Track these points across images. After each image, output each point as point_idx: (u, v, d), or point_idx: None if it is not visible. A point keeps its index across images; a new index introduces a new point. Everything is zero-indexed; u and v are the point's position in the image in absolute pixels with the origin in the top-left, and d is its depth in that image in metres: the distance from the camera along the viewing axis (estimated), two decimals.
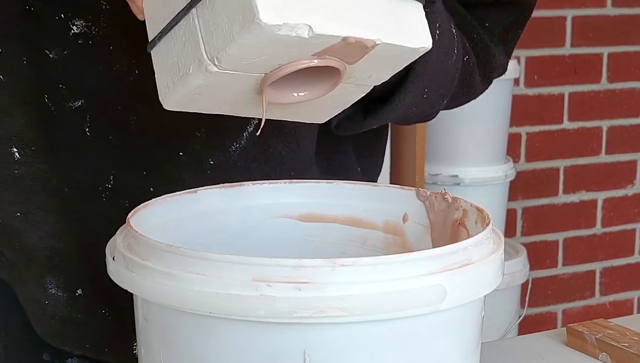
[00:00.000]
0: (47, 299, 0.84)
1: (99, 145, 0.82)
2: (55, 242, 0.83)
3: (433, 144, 2.27)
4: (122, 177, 0.83)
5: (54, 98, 0.81)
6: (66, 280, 0.84)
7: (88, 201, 0.83)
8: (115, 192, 0.83)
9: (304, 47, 0.62)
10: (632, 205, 2.87)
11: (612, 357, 0.89)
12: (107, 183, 0.83)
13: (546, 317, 2.81)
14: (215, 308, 0.56)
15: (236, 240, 0.77)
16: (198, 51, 0.62)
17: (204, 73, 0.62)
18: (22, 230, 0.83)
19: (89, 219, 0.83)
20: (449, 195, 0.73)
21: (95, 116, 0.81)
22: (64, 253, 0.84)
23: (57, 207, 0.83)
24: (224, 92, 0.66)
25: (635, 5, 2.75)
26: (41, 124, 0.81)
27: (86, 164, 0.82)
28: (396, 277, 0.56)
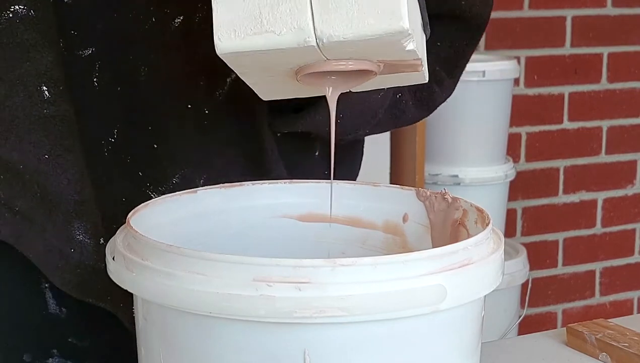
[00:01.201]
0: (73, 246, 0.81)
1: (106, 97, 0.81)
2: (82, 187, 0.81)
3: (433, 144, 2.27)
4: (126, 131, 0.82)
5: (67, 44, 0.80)
6: (93, 226, 0.81)
7: (93, 154, 0.82)
8: (118, 147, 0.82)
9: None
10: (632, 205, 2.87)
11: (612, 357, 0.89)
12: (110, 137, 0.82)
13: (546, 317, 2.81)
14: (215, 308, 0.56)
15: (236, 240, 0.77)
16: (302, 18, 0.59)
17: (299, 43, 0.60)
18: (50, 174, 0.80)
19: (94, 173, 0.82)
20: (449, 195, 0.73)
21: (104, 66, 0.81)
22: (90, 199, 0.82)
23: (82, 151, 0.81)
24: (283, 61, 0.64)
25: (635, 5, 2.75)
26: (62, 66, 0.80)
27: (92, 116, 0.81)
28: (396, 277, 0.56)
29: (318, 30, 0.59)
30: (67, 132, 0.80)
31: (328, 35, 0.59)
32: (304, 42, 0.59)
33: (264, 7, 0.60)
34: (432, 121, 2.23)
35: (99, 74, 0.81)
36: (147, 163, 0.85)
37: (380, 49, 0.62)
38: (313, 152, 0.93)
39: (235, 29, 0.60)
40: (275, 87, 0.70)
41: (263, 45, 0.60)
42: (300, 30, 0.59)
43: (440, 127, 2.29)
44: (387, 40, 0.60)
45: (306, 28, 0.59)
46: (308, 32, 0.59)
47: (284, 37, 0.59)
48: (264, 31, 0.60)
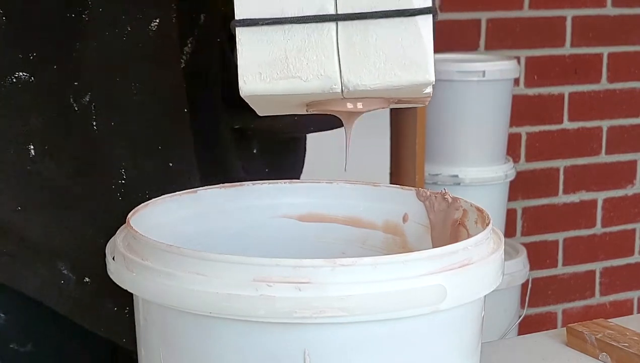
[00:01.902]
0: (62, 279, 0.84)
1: (106, 137, 0.82)
2: (56, 237, 0.83)
3: (433, 144, 2.27)
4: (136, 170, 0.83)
5: (73, 97, 0.82)
6: (72, 267, 0.84)
7: (100, 198, 0.83)
8: (131, 181, 0.83)
9: None
10: (632, 205, 2.87)
11: (612, 357, 0.89)
12: (120, 178, 0.83)
13: (546, 317, 2.81)
14: (215, 308, 0.56)
15: (236, 240, 0.77)
16: (328, 66, 0.60)
17: (324, 90, 0.60)
18: (23, 226, 0.83)
19: (101, 215, 0.83)
20: (449, 195, 0.73)
21: (100, 105, 0.82)
22: (64, 249, 0.84)
23: (58, 205, 0.83)
24: (301, 100, 0.64)
25: (635, 5, 2.75)
26: (60, 122, 0.82)
27: (97, 160, 0.83)
28: (396, 277, 0.56)
29: (345, 79, 0.60)
30: (40, 187, 0.83)
31: (355, 85, 0.60)
32: (329, 88, 0.60)
33: (290, 51, 0.60)
34: (432, 121, 2.23)
35: (96, 117, 0.82)
36: None
37: (401, 93, 0.63)
38: (252, 150, 0.93)
39: (260, 72, 0.60)
40: (278, 110, 0.70)
41: (289, 89, 0.60)
42: (327, 77, 0.60)
43: (440, 127, 2.29)
44: (410, 88, 0.61)
45: (333, 76, 0.60)
46: (334, 79, 0.60)
47: (310, 83, 0.60)
48: (290, 76, 0.60)
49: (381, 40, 0.60)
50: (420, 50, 0.60)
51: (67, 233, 0.83)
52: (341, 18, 0.60)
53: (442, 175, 2.30)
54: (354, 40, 0.60)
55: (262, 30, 0.60)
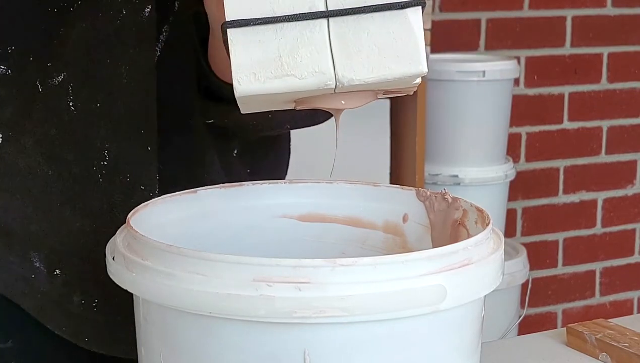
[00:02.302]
0: (33, 273, 0.83)
1: (84, 119, 0.81)
2: (27, 225, 0.83)
3: (433, 144, 2.27)
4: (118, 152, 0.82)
5: (42, 78, 0.81)
6: (46, 257, 0.83)
7: (80, 182, 0.82)
8: (110, 168, 0.82)
9: None
10: (632, 205, 2.87)
11: (612, 357, 0.89)
12: (102, 160, 0.82)
13: (546, 317, 2.81)
14: (215, 308, 0.56)
15: (236, 240, 0.77)
16: (323, 62, 0.60)
17: (319, 86, 0.61)
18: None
19: (80, 202, 0.83)
20: (449, 195, 0.73)
21: (77, 86, 0.81)
22: (39, 235, 0.83)
23: (24, 191, 0.83)
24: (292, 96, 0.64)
25: (635, 5, 2.75)
26: (26, 106, 0.81)
27: (75, 141, 0.82)
28: (396, 277, 0.56)
29: (339, 74, 0.60)
30: (9, 174, 0.82)
31: (349, 79, 0.60)
32: (324, 85, 0.60)
33: (283, 50, 0.60)
34: (432, 121, 2.23)
35: (73, 96, 0.81)
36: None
37: (392, 84, 0.63)
38: (231, 152, 0.93)
39: (254, 72, 0.60)
40: (265, 106, 0.70)
41: (284, 88, 0.60)
42: (321, 74, 0.60)
43: (440, 127, 2.29)
44: (403, 80, 0.61)
45: (327, 72, 0.60)
46: (329, 75, 0.60)
47: (305, 81, 0.60)
48: (284, 75, 0.60)
49: (373, 34, 0.60)
50: (412, 42, 0.61)
51: (44, 216, 0.83)
52: (332, 14, 0.60)
53: (442, 175, 2.30)
54: (346, 35, 0.60)
55: (254, 30, 0.60)
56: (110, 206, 0.83)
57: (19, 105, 0.82)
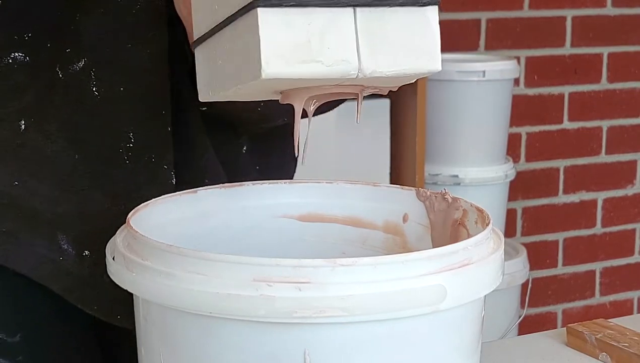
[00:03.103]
0: (60, 255, 0.84)
1: (109, 103, 0.83)
2: (55, 207, 0.84)
3: (433, 144, 2.27)
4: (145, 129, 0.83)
5: (62, 65, 0.82)
6: (74, 239, 0.84)
7: (106, 165, 0.84)
8: (136, 150, 0.84)
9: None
10: (632, 205, 2.87)
11: (612, 357, 0.89)
12: (127, 142, 0.84)
13: (546, 317, 2.81)
14: (215, 308, 0.56)
15: (236, 240, 0.77)
16: (349, 51, 0.60)
17: (342, 75, 0.61)
18: (23, 198, 0.84)
19: (107, 184, 0.84)
20: (449, 195, 0.73)
21: (100, 71, 0.82)
22: (67, 217, 0.84)
23: (51, 175, 0.84)
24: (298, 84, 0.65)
25: (635, 5, 2.75)
26: (48, 93, 0.83)
27: (100, 124, 0.83)
28: (396, 277, 0.56)
29: (363, 64, 0.60)
30: (35, 159, 0.83)
31: (372, 70, 0.60)
32: (347, 74, 0.60)
33: (313, 35, 0.60)
34: (432, 121, 2.23)
35: (96, 82, 0.82)
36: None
37: (405, 79, 0.64)
38: (240, 149, 0.93)
39: (284, 55, 0.59)
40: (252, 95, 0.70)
41: (309, 73, 0.60)
42: (347, 62, 0.60)
43: (440, 127, 2.29)
44: (418, 75, 0.62)
45: (352, 61, 0.60)
46: (354, 65, 0.60)
47: (331, 68, 0.60)
48: (311, 60, 0.60)
49: (396, 28, 0.61)
50: (431, 39, 0.62)
51: (71, 199, 0.84)
52: (360, 4, 0.60)
53: (442, 175, 2.30)
54: (372, 26, 0.60)
55: (284, 12, 0.59)
56: (137, 186, 0.84)
57: (39, 91, 0.83)
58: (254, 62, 0.59)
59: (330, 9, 0.59)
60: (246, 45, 0.60)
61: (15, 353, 0.86)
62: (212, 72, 0.65)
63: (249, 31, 0.59)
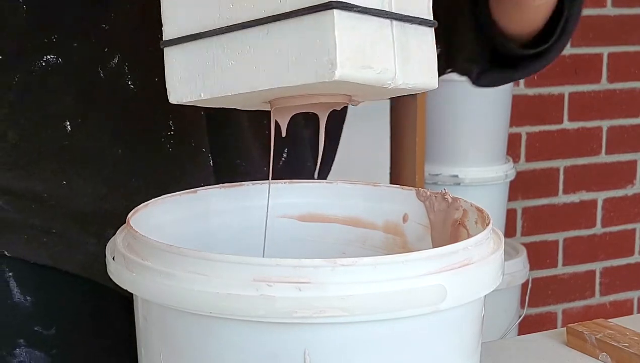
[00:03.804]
0: None
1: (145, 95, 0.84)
2: (103, 204, 0.86)
3: (433, 144, 2.27)
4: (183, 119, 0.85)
5: (101, 64, 0.84)
6: None
7: (150, 155, 0.85)
8: (177, 139, 0.85)
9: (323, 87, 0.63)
10: (632, 205, 2.87)
11: (612, 357, 0.89)
12: (168, 130, 0.85)
13: (546, 317, 2.81)
14: (215, 308, 0.56)
15: (236, 240, 0.77)
16: (390, 62, 0.62)
17: (382, 83, 0.62)
18: (71, 198, 0.86)
19: (152, 174, 0.85)
20: (449, 195, 0.73)
21: (133, 64, 0.84)
22: (115, 213, 0.83)
23: (97, 173, 0.86)
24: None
25: (635, 5, 2.75)
26: (89, 92, 0.85)
27: (140, 116, 0.85)
28: (396, 277, 0.56)
29: (397, 75, 0.62)
30: (80, 159, 0.85)
31: (402, 82, 0.62)
32: (385, 83, 0.61)
33: (367, 42, 0.61)
34: (432, 121, 2.23)
35: (131, 75, 0.84)
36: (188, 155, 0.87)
37: (411, 92, 0.65)
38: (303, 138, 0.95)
39: (352, 57, 0.60)
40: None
41: (365, 79, 0.60)
42: (388, 71, 0.61)
43: (440, 127, 2.29)
44: (421, 90, 0.65)
45: (392, 70, 0.62)
46: (392, 74, 0.61)
47: (379, 75, 0.61)
48: (367, 66, 0.60)
49: (417, 44, 0.63)
50: (434, 59, 0.65)
51: (118, 194, 0.85)
52: (397, 17, 0.62)
53: (442, 175, 2.30)
54: (402, 39, 0.62)
55: (352, 17, 0.60)
56: (181, 173, 0.86)
57: (79, 91, 0.85)
58: (323, 63, 0.59)
59: (378, 18, 0.61)
60: (308, 46, 0.59)
61: (50, 346, 0.86)
62: (210, 71, 0.65)
63: (315, 30, 0.59)
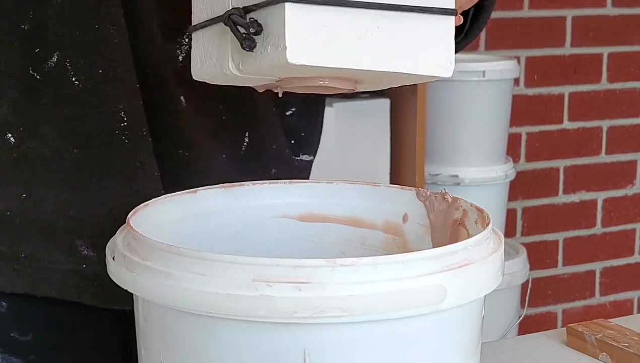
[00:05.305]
0: (83, 263, 0.83)
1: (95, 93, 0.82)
2: (67, 210, 0.83)
3: (433, 144, 2.27)
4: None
5: (35, 67, 0.81)
6: (92, 240, 0.83)
7: (107, 149, 0.83)
8: (132, 129, 0.83)
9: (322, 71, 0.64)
10: (632, 205, 2.87)
11: (612, 357, 0.89)
12: (121, 122, 0.83)
13: (546, 317, 2.81)
14: (215, 308, 0.56)
15: (236, 240, 0.77)
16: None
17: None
18: (33, 209, 0.83)
19: (112, 168, 0.83)
20: (449, 195, 0.73)
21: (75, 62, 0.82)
22: (81, 218, 0.83)
23: (56, 176, 0.83)
24: None
25: (635, 5, 2.75)
26: (28, 98, 0.82)
27: (88, 112, 0.83)
28: (396, 277, 0.56)
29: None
30: (37, 165, 0.82)
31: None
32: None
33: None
34: (432, 121, 2.23)
35: (74, 71, 0.81)
36: None
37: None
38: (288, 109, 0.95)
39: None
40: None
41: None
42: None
43: (440, 127, 2.29)
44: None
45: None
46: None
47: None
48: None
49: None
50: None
51: (82, 195, 0.83)
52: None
53: (442, 175, 2.30)
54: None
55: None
56: (142, 163, 0.83)
57: (21, 97, 0.82)
58: None
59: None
60: None
61: (27, 352, 0.85)
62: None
63: None
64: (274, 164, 0.93)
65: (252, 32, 0.62)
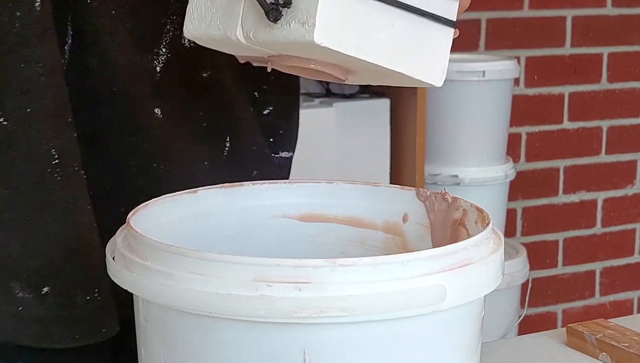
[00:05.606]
0: (19, 305, 0.81)
1: None
2: (1, 252, 0.81)
3: (433, 144, 2.27)
4: None
5: None
6: (28, 280, 0.81)
7: (37, 186, 0.80)
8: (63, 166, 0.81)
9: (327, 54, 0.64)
10: (632, 205, 2.87)
11: (612, 357, 0.89)
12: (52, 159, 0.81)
13: (546, 317, 2.81)
14: (215, 308, 0.56)
15: (236, 240, 0.77)
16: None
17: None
18: None
19: (45, 205, 0.81)
20: (449, 195, 0.73)
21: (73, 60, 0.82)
22: (17, 258, 0.81)
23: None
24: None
25: (635, 5, 2.75)
26: None
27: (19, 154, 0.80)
28: (396, 277, 0.56)
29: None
30: None
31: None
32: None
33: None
34: (432, 121, 2.23)
35: (2, 113, 0.79)
36: None
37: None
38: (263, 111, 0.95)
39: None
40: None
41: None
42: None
43: (440, 127, 2.29)
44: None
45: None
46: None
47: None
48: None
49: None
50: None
51: (15, 234, 0.80)
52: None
53: (442, 175, 2.30)
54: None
55: None
56: (75, 199, 0.81)
57: None
58: None
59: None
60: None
61: None
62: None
63: None
64: (255, 165, 0.92)
65: (281, 3, 0.61)
